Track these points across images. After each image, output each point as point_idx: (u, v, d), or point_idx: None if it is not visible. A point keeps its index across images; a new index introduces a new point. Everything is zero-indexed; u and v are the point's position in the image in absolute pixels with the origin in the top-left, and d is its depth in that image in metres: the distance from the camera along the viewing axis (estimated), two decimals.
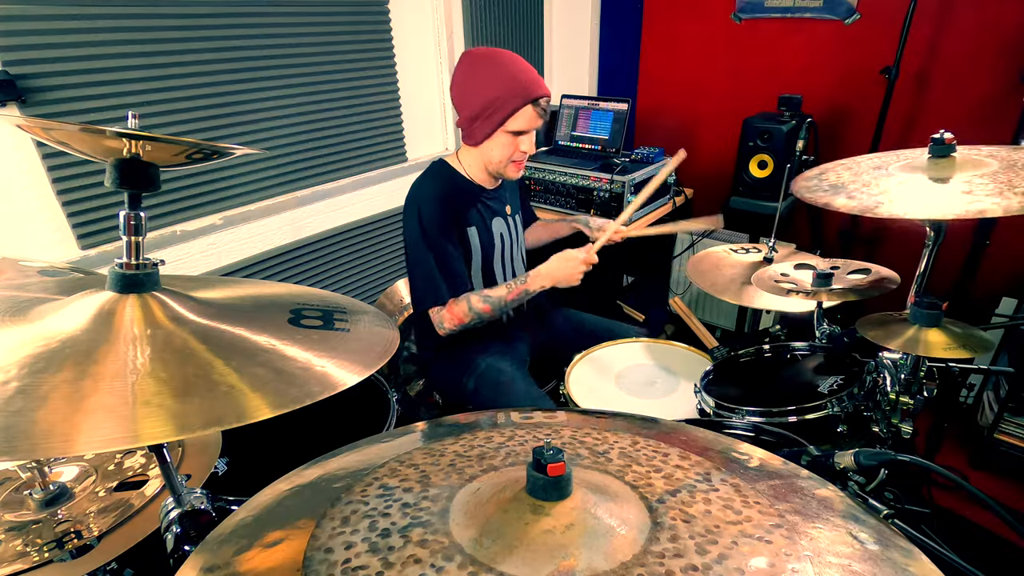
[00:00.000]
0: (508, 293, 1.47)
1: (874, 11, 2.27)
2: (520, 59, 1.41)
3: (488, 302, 1.46)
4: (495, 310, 1.47)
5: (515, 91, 1.36)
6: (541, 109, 1.41)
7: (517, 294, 1.46)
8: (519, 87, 1.36)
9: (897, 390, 1.01)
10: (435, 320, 1.49)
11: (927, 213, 0.93)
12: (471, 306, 1.46)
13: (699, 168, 2.89)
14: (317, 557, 0.42)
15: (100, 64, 1.44)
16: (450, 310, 1.46)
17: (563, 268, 1.44)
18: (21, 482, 0.88)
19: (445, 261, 1.45)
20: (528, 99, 1.37)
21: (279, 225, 1.93)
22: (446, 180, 1.49)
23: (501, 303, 1.47)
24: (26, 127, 0.61)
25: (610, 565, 0.40)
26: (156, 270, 0.63)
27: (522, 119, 1.40)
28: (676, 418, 0.81)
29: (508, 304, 1.48)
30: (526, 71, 1.39)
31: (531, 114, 1.40)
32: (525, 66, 1.40)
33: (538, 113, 1.41)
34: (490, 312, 1.47)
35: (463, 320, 1.46)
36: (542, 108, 1.41)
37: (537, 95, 1.38)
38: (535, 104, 1.39)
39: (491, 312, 1.47)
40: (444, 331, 1.49)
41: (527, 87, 1.37)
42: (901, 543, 0.45)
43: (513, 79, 1.36)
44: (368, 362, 0.62)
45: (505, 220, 1.60)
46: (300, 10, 1.82)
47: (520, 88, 1.36)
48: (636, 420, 0.66)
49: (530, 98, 1.37)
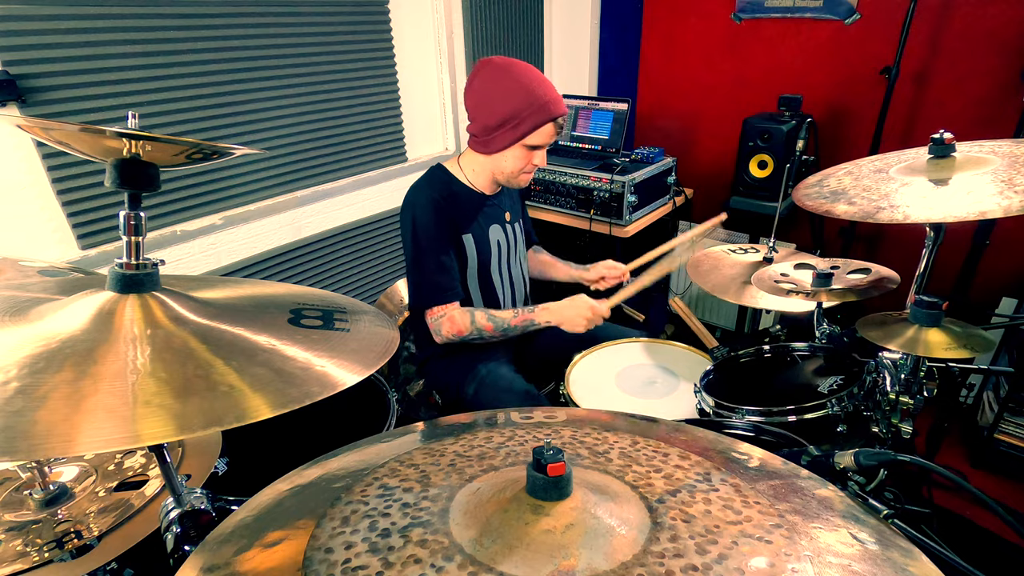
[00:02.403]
0: (514, 318, 1.48)
1: (874, 11, 2.27)
2: (541, 74, 1.42)
3: (492, 321, 1.47)
4: (496, 331, 1.48)
5: (539, 107, 1.37)
6: (559, 127, 1.43)
7: (522, 321, 1.48)
8: (543, 104, 1.38)
9: (897, 390, 1.01)
10: (432, 326, 1.49)
11: (927, 217, 0.93)
12: (475, 320, 1.47)
13: (699, 168, 2.89)
14: (317, 557, 0.42)
15: (100, 64, 1.44)
16: (451, 319, 1.47)
17: (572, 312, 1.46)
18: (21, 482, 0.88)
19: (439, 268, 1.46)
20: (551, 116, 1.39)
21: (279, 225, 1.93)
22: (443, 187, 1.49)
23: (505, 325, 1.48)
24: (26, 127, 0.61)
25: (610, 565, 0.40)
26: (156, 270, 0.63)
27: (542, 135, 1.41)
28: (676, 418, 0.81)
29: (511, 329, 1.49)
30: (549, 88, 1.40)
31: (551, 130, 1.42)
32: (547, 82, 1.41)
33: (556, 130, 1.43)
34: (491, 331, 1.48)
35: (462, 332, 1.47)
36: (559, 125, 1.43)
37: (559, 113, 1.41)
38: (555, 122, 1.41)
39: (492, 332, 1.48)
40: (441, 338, 1.49)
41: (550, 105, 1.38)
42: (901, 543, 0.45)
43: (537, 95, 1.37)
44: (368, 362, 0.62)
45: (503, 227, 1.60)
46: (300, 10, 1.81)
47: (544, 105, 1.38)
48: (636, 420, 0.66)
49: (553, 116, 1.39)
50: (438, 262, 1.45)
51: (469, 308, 1.49)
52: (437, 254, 1.45)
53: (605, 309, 1.45)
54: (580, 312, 1.44)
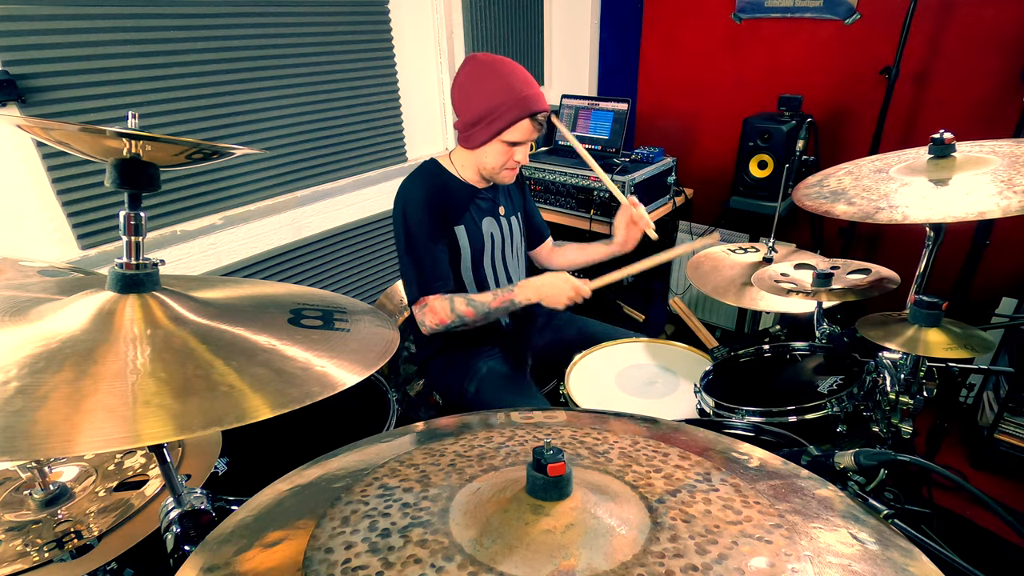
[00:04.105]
0: (494, 300, 1.45)
1: (874, 11, 2.27)
2: (524, 71, 1.42)
3: (472, 306, 1.44)
4: (478, 315, 1.45)
5: (516, 103, 1.37)
6: (538, 123, 1.42)
7: (502, 302, 1.44)
8: (520, 99, 1.37)
9: (897, 390, 1.01)
10: (418, 317, 1.49)
11: (927, 217, 0.93)
12: (454, 307, 1.44)
13: (699, 168, 2.89)
14: (317, 557, 0.42)
15: (100, 64, 1.44)
16: (432, 308, 1.45)
17: (553, 287, 1.42)
18: (21, 482, 0.88)
19: (428, 261, 1.45)
20: (528, 112, 1.38)
21: (279, 225, 1.94)
22: (435, 180, 1.50)
23: (485, 308, 1.44)
24: (26, 127, 0.61)
25: (610, 565, 0.40)
26: (156, 270, 0.63)
27: (519, 131, 1.41)
28: (676, 418, 0.81)
29: (493, 311, 1.45)
30: (529, 84, 1.40)
31: (528, 127, 1.41)
32: (528, 79, 1.41)
33: (535, 127, 1.42)
34: (473, 316, 1.45)
35: (444, 321, 1.45)
36: (539, 122, 1.42)
37: (537, 110, 1.39)
38: (533, 118, 1.40)
39: (474, 316, 1.45)
40: (427, 329, 1.48)
41: (528, 101, 1.38)
42: (901, 543, 0.45)
43: (515, 91, 1.37)
44: (368, 362, 0.62)
45: (497, 220, 1.60)
46: (300, 10, 1.82)
47: (521, 100, 1.37)
48: (636, 420, 0.66)
49: (530, 112, 1.39)
50: (426, 253, 1.45)
51: (448, 295, 1.46)
52: (425, 245, 1.44)
53: (586, 289, 1.42)
54: (561, 287, 1.40)
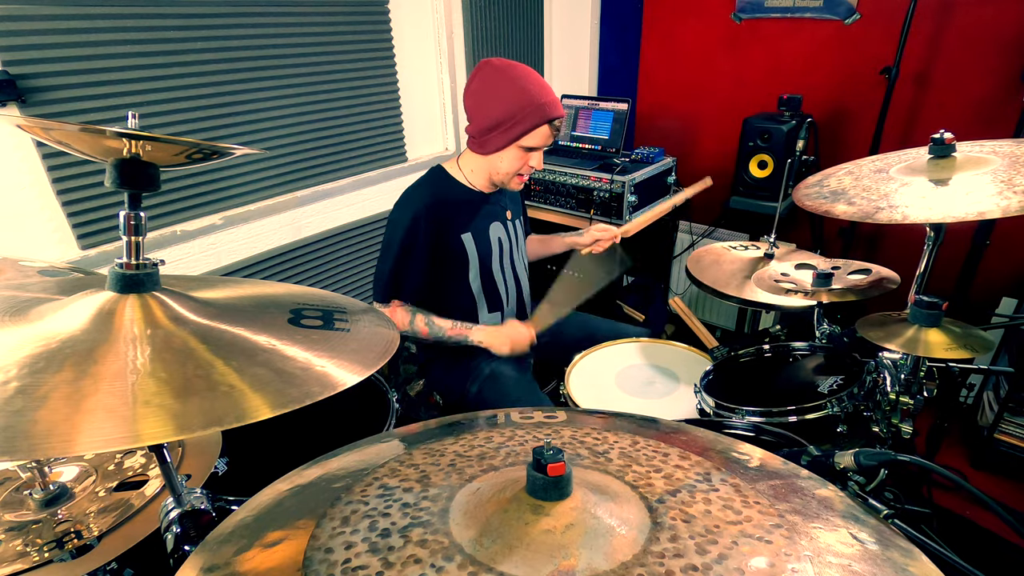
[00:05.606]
0: (451, 328, 1.50)
1: (874, 11, 2.27)
2: (539, 76, 1.43)
3: (429, 327, 1.49)
4: (430, 336, 1.50)
5: (535, 109, 1.38)
6: (555, 129, 1.44)
7: (457, 334, 1.50)
8: (539, 106, 1.38)
9: (897, 390, 1.01)
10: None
11: (927, 217, 0.93)
12: (414, 321, 1.49)
13: (699, 168, 2.88)
14: (317, 557, 0.42)
15: (100, 64, 1.44)
16: (393, 312, 1.49)
17: (499, 337, 1.48)
18: (21, 482, 0.88)
19: (406, 273, 1.47)
20: (547, 119, 1.40)
21: (279, 225, 1.93)
22: (441, 189, 1.51)
23: (441, 333, 1.50)
24: (26, 127, 0.61)
25: (610, 565, 0.40)
26: (156, 270, 0.63)
27: (537, 137, 1.42)
28: (676, 418, 0.81)
29: (446, 338, 1.50)
30: (546, 91, 1.41)
31: (546, 132, 1.43)
32: (544, 84, 1.42)
33: (552, 132, 1.44)
34: (425, 335, 1.50)
35: (400, 328, 1.49)
36: (556, 128, 1.44)
37: (555, 116, 1.41)
38: (551, 124, 1.41)
39: (426, 335, 1.50)
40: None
41: (546, 107, 1.39)
42: (901, 543, 0.45)
43: (533, 97, 1.38)
44: (368, 362, 0.62)
45: (504, 225, 1.61)
46: (300, 10, 1.81)
47: (540, 107, 1.38)
48: (636, 420, 0.66)
49: (549, 118, 1.40)
50: (409, 265, 1.46)
51: (413, 308, 1.51)
52: (411, 257, 1.46)
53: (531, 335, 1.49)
54: (506, 339, 1.47)
